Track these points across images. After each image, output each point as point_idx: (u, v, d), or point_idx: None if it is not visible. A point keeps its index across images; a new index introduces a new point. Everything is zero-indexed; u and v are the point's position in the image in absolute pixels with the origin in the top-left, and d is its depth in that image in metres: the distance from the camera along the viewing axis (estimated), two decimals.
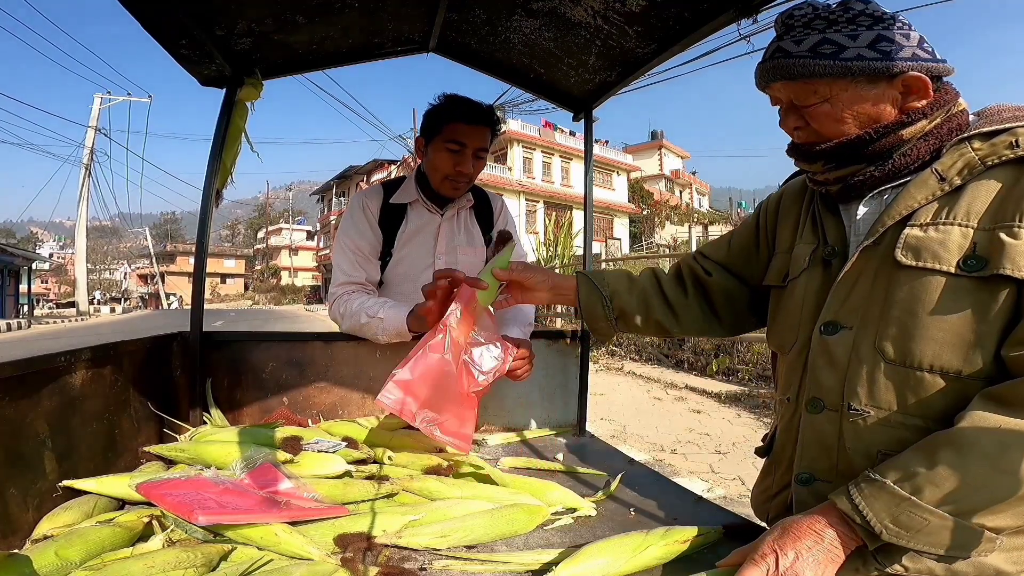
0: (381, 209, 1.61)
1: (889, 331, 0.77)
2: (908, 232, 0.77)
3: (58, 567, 0.75)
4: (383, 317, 1.42)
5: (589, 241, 1.94)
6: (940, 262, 0.74)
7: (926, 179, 0.78)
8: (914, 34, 0.79)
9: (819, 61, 0.79)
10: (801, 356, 0.89)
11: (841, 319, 0.83)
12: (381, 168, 34.98)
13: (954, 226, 0.75)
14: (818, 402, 0.85)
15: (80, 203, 27.41)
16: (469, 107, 1.51)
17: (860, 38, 0.78)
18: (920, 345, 0.75)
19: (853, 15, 0.79)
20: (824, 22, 0.80)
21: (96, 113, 28.14)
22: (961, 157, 0.77)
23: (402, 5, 1.52)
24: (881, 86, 0.79)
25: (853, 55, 0.78)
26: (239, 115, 1.59)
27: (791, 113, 0.86)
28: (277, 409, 1.53)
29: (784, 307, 0.96)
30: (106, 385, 1.17)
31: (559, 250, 12.99)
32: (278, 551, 0.83)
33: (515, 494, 1.06)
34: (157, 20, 1.28)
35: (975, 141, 0.78)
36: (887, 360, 0.78)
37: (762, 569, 0.70)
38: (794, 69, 0.81)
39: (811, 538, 0.71)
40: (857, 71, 0.78)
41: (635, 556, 0.82)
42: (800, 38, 0.81)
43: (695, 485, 3.56)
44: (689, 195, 44.39)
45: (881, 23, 0.79)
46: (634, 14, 1.40)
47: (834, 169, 0.85)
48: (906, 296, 0.76)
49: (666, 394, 6.84)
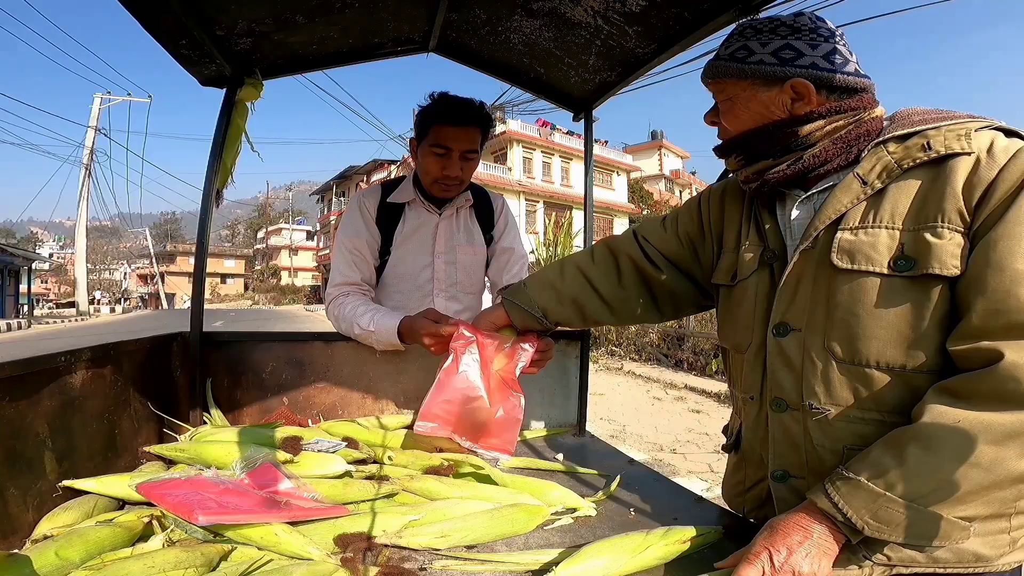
0: (379, 208, 1.60)
1: (835, 332, 0.81)
2: (840, 236, 0.81)
3: (58, 567, 0.75)
4: (374, 330, 1.41)
5: (589, 241, 1.94)
6: (872, 264, 0.78)
7: (850, 183, 0.82)
8: (825, 45, 0.84)
9: (729, 64, 0.88)
10: (759, 356, 0.92)
11: (789, 321, 0.86)
12: (381, 168, 34.98)
13: (881, 228, 0.79)
14: (781, 402, 0.88)
15: (80, 203, 27.41)
16: (454, 108, 1.48)
17: (769, 46, 0.85)
18: (865, 344, 0.79)
19: (775, 26, 0.87)
20: (753, 31, 0.88)
21: (96, 113, 28.15)
22: (879, 161, 0.81)
23: (402, 5, 1.52)
24: (774, 90, 0.85)
25: (756, 60, 0.85)
26: (239, 115, 1.59)
27: (713, 109, 0.95)
28: (277, 409, 1.53)
29: (735, 307, 0.99)
30: (106, 385, 1.17)
31: (559, 250, 12.97)
32: (278, 551, 0.83)
33: (515, 494, 1.06)
34: (157, 20, 1.28)
35: (890, 144, 0.82)
36: (837, 360, 0.81)
37: (757, 567, 0.72)
38: (714, 69, 0.91)
39: (799, 534, 0.73)
40: (751, 73, 0.86)
41: (635, 556, 0.82)
42: (728, 44, 0.90)
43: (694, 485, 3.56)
44: (689, 195, 44.23)
45: (796, 34, 0.85)
46: (634, 14, 1.40)
47: (746, 165, 0.92)
48: (846, 298, 0.80)
49: (665, 394, 6.84)
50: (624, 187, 33.83)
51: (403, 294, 1.64)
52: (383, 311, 1.45)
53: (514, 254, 1.73)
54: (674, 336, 9.15)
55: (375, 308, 1.47)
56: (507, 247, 1.73)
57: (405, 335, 1.38)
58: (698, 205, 1.13)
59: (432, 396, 1.14)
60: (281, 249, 57.00)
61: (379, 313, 1.44)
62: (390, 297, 1.64)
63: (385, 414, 1.56)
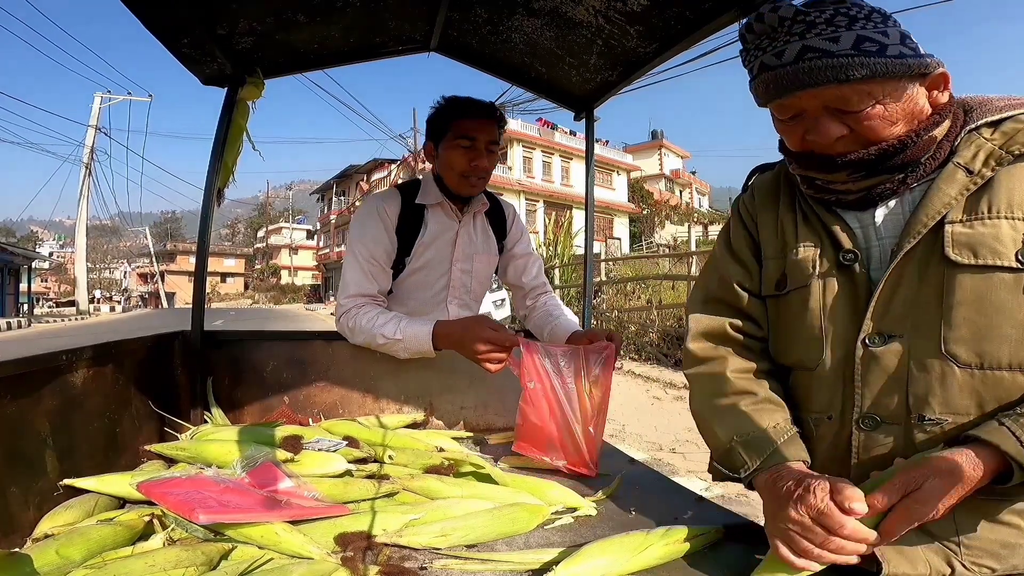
0: (400, 214, 1.53)
1: (956, 334, 0.73)
2: (952, 229, 0.74)
3: (59, 566, 0.75)
4: (401, 338, 1.40)
5: (590, 241, 1.94)
6: (999, 257, 0.71)
7: (953, 174, 0.76)
8: (898, 28, 0.76)
9: (873, 59, 0.72)
10: (838, 371, 0.83)
11: (888, 328, 0.78)
12: (381, 167, 34.98)
13: (1001, 219, 0.72)
14: (873, 419, 0.79)
15: (80, 202, 27.41)
16: (472, 103, 1.51)
17: (890, 35, 0.73)
18: (996, 345, 0.72)
19: (868, 11, 0.75)
20: (846, 19, 0.74)
21: (96, 112, 28.15)
22: (980, 149, 0.76)
23: (403, 4, 1.53)
24: (915, 84, 0.75)
25: (896, 52, 0.73)
26: (240, 114, 1.60)
27: (829, 120, 0.77)
28: (278, 408, 1.53)
29: (793, 320, 0.89)
30: (107, 384, 1.17)
31: (559, 250, 12.99)
32: (279, 550, 0.83)
33: (515, 493, 1.06)
34: (159, 19, 1.28)
35: (983, 131, 0.77)
36: (961, 364, 0.73)
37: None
38: (849, 70, 0.72)
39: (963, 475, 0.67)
40: (912, 68, 0.73)
41: (636, 556, 0.82)
42: (832, 35, 0.73)
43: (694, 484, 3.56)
44: (689, 195, 44.39)
45: (889, 20, 0.75)
46: (635, 14, 1.40)
47: (863, 178, 0.80)
48: (970, 296, 0.73)
49: (665, 393, 6.84)
50: (624, 187, 33.83)
51: (417, 301, 1.62)
52: (407, 318, 1.44)
53: (531, 258, 1.78)
54: (674, 336, 9.15)
55: (397, 315, 1.45)
56: (524, 252, 1.77)
57: (442, 341, 1.38)
58: (742, 223, 1.00)
59: (519, 420, 1.18)
60: (281, 248, 57.00)
61: (404, 320, 1.42)
62: (403, 304, 1.61)
63: (386, 413, 1.56)
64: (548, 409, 1.18)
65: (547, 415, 1.17)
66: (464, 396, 1.62)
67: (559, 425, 1.18)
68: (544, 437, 1.17)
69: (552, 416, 1.18)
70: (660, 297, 9.42)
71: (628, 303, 10.10)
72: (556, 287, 11.59)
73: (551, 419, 1.17)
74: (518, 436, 1.20)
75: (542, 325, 1.65)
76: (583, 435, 1.19)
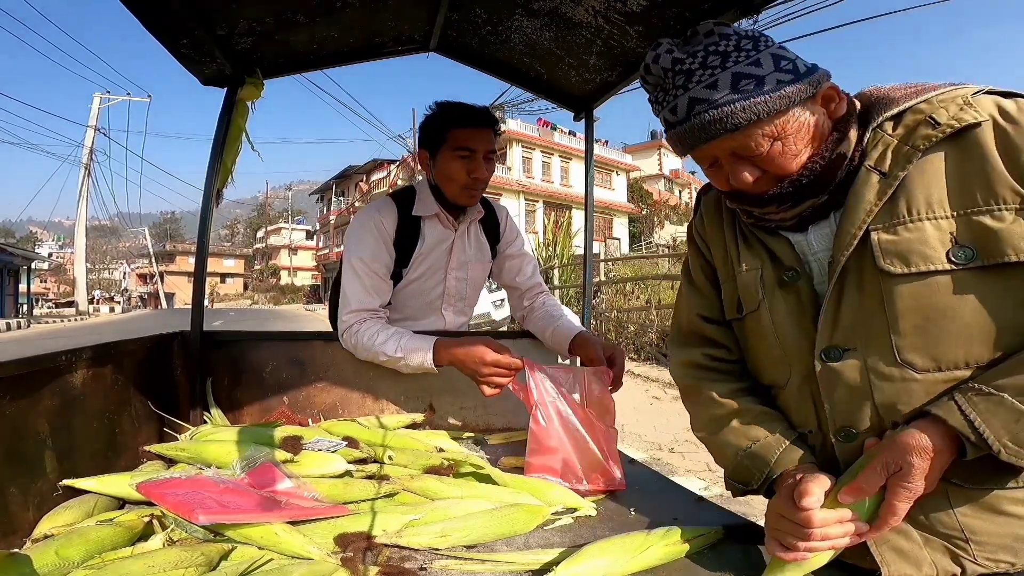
0: (397, 227, 1.51)
1: (908, 342, 0.73)
2: (879, 237, 0.73)
3: (58, 566, 0.75)
4: (401, 356, 1.40)
5: (590, 241, 1.94)
6: (931, 262, 0.71)
7: (867, 179, 0.76)
8: (775, 46, 0.76)
9: (753, 100, 0.72)
10: (804, 388, 0.83)
11: (841, 342, 0.77)
12: (380, 168, 34.99)
13: (923, 221, 0.72)
14: (848, 431, 0.78)
15: (79, 202, 27.42)
16: (469, 111, 1.48)
17: (763, 63, 0.74)
18: (949, 349, 0.71)
19: (737, 40, 0.75)
20: (719, 56, 0.74)
21: (96, 112, 28.17)
22: (888, 147, 0.75)
23: (403, 4, 1.52)
24: (806, 107, 0.75)
25: (773, 83, 0.73)
26: (240, 114, 1.60)
27: (740, 164, 0.78)
28: (277, 408, 1.53)
29: (757, 342, 0.89)
30: (107, 384, 1.17)
31: (558, 250, 12.99)
32: (278, 550, 0.83)
33: (515, 494, 1.06)
34: (158, 19, 1.28)
35: (886, 126, 0.76)
36: (919, 370, 0.73)
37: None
38: (736, 117, 0.72)
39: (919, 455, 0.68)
40: (793, 99, 0.73)
41: (636, 556, 0.82)
42: (711, 80, 0.74)
43: (693, 484, 3.56)
44: (689, 195, 44.34)
45: (760, 43, 0.75)
46: (635, 14, 1.40)
47: (791, 207, 0.80)
48: (912, 304, 0.72)
49: (664, 393, 6.84)
50: (624, 187, 33.85)
51: (412, 309, 1.62)
52: (407, 335, 1.43)
53: (525, 258, 1.77)
54: None
55: (397, 332, 1.44)
56: (518, 253, 1.76)
57: (443, 359, 1.37)
58: (697, 249, 1.01)
59: (532, 446, 1.15)
60: (281, 248, 57.00)
61: (404, 337, 1.42)
62: (398, 311, 1.61)
63: (385, 413, 1.56)
64: (560, 431, 1.15)
65: (559, 437, 1.14)
66: (464, 396, 1.62)
67: (574, 445, 1.14)
68: (559, 460, 1.14)
69: (566, 437, 1.14)
70: (659, 297, 9.41)
71: (627, 303, 10.10)
72: (555, 287, 11.58)
73: (565, 440, 1.14)
74: (530, 463, 1.15)
75: (543, 327, 1.65)
76: (605, 451, 1.16)
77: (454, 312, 1.67)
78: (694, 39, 0.77)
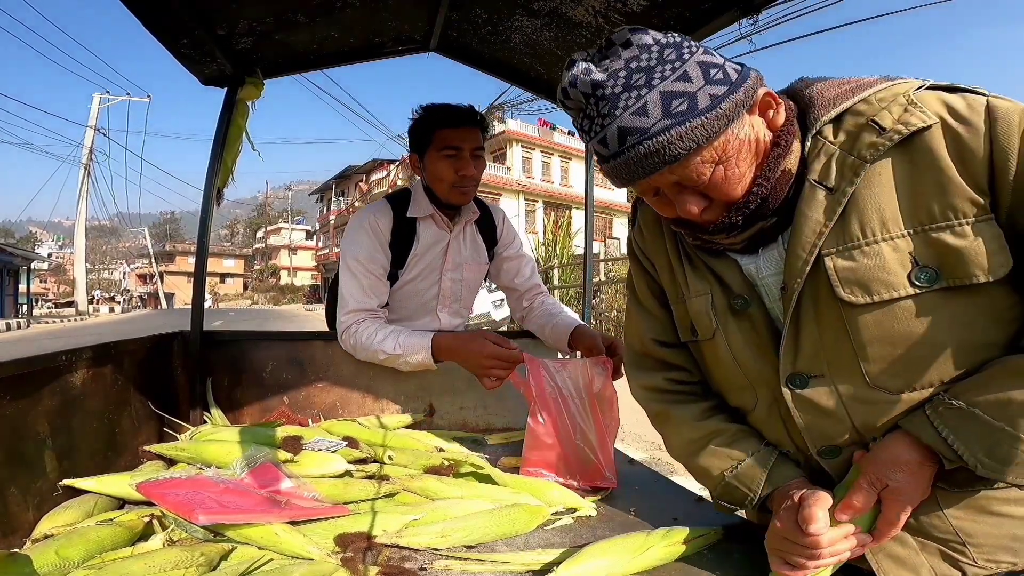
0: (393, 228, 1.53)
1: (878, 368, 0.70)
2: (834, 263, 0.69)
3: (58, 566, 0.75)
4: (401, 353, 1.41)
5: (590, 241, 1.94)
6: (894, 288, 0.67)
7: (812, 195, 0.70)
8: (701, 51, 0.68)
9: (689, 124, 0.64)
10: (774, 410, 0.80)
11: (805, 369, 0.74)
12: (380, 167, 34.96)
13: (880, 243, 0.67)
14: (832, 448, 0.76)
15: (79, 203, 27.40)
16: (453, 111, 1.49)
17: (692, 76, 0.65)
18: (920, 372, 0.69)
19: (659, 51, 0.67)
20: (643, 74, 0.66)
21: (95, 113, 28.16)
22: (831, 157, 0.70)
23: (403, 4, 1.52)
24: (743, 121, 0.68)
25: (707, 100, 0.65)
26: (240, 114, 1.60)
27: (684, 194, 0.72)
28: (277, 408, 1.53)
29: (715, 365, 0.87)
30: (107, 384, 1.17)
31: (558, 250, 12.98)
32: (278, 551, 0.83)
33: (515, 494, 1.06)
34: (158, 19, 1.28)
35: (826, 131, 0.71)
36: (893, 392, 0.70)
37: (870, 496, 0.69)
38: (674, 147, 0.65)
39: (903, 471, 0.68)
40: (730, 117, 0.66)
41: (637, 557, 0.82)
42: (639, 104, 0.65)
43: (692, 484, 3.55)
44: None
45: (684, 51, 0.67)
46: (635, 14, 1.40)
47: (740, 232, 0.75)
48: (878, 333, 0.69)
49: None
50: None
51: (408, 309, 1.63)
52: (406, 332, 1.44)
53: (523, 259, 1.77)
54: None
55: (395, 330, 1.45)
56: (516, 254, 1.76)
57: (443, 354, 1.38)
58: (641, 267, 0.96)
59: (527, 450, 1.16)
60: (280, 248, 56.99)
61: (403, 335, 1.43)
62: (394, 312, 1.62)
63: (385, 413, 1.56)
64: (559, 426, 1.15)
65: (558, 432, 1.15)
66: (464, 396, 1.62)
67: (571, 441, 1.15)
68: (556, 456, 1.15)
69: (564, 433, 1.15)
70: None
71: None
72: (555, 287, 11.58)
73: (563, 436, 1.15)
74: (527, 459, 1.17)
75: (543, 324, 1.65)
76: (598, 447, 1.16)
77: (449, 313, 1.67)
78: (611, 52, 0.69)
